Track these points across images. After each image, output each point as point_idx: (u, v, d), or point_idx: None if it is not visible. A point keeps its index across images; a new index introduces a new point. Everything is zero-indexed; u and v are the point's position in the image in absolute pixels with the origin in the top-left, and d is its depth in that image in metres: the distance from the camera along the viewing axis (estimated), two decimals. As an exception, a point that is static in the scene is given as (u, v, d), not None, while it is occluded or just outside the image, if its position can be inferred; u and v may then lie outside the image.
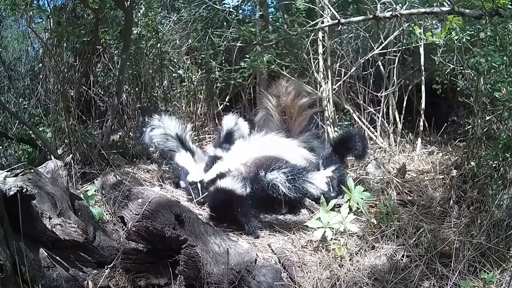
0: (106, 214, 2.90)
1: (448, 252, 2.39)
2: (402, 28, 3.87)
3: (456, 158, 3.60)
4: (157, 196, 2.63)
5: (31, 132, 3.85)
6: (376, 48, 4.14)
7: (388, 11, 2.87)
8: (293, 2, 4.45)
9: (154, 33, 4.34)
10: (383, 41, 4.13)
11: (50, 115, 3.94)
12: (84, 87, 4.45)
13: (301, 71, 4.59)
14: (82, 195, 2.80)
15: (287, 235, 2.78)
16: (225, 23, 4.83)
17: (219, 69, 4.90)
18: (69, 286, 2.16)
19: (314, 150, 3.53)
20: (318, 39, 4.26)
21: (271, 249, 2.60)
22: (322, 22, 4.00)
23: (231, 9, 4.34)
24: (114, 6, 3.79)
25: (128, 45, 3.77)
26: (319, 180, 2.76)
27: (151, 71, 4.54)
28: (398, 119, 4.42)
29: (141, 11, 4.21)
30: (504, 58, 2.61)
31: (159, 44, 4.46)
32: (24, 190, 2.04)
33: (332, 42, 4.37)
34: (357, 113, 4.53)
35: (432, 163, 3.88)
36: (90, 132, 4.00)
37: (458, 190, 3.02)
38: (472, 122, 3.24)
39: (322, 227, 2.58)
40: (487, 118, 3.01)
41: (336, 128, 4.24)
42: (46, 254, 2.15)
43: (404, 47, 4.15)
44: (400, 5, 2.93)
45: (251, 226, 2.77)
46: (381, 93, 4.40)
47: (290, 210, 3.16)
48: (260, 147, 3.22)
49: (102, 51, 4.49)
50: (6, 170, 2.30)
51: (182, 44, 4.99)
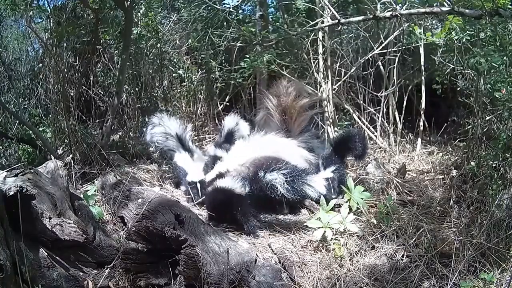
0: (106, 214, 2.89)
1: (448, 252, 2.39)
2: (402, 28, 3.87)
3: (456, 158, 3.60)
4: (157, 196, 2.63)
5: (31, 132, 3.85)
6: (376, 48, 4.14)
7: (388, 11, 2.87)
8: (293, 2, 4.44)
9: (154, 33, 4.35)
10: (383, 41, 4.13)
11: (50, 115, 3.94)
12: (84, 87, 4.45)
13: (301, 71, 4.59)
14: (82, 195, 2.81)
15: (287, 235, 2.78)
16: (225, 23, 4.83)
17: (219, 69, 4.90)
18: (69, 286, 2.16)
19: (313, 150, 3.54)
20: (318, 39, 4.26)
21: (271, 249, 2.60)
22: (322, 22, 4.00)
23: (231, 9, 4.33)
24: (114, 6, 3.79)
25: (128, 45, 3.77)
26: (318, 183, 2.76)
27: (151, 71, 4.55)
28: (398, 119, 4.42)
29: (141, 11, 4.21)
30: (504, 58, 2.61)
31: (159, 44, 4.46)
32: (24, 190, 2.04)
33: (332, 42, 4.37)
34: (357, 113, 4.52)
35: (432, 163, 3.88)
36: (90, 132, 3.99)
37: (458, 190, 3.02)
38: (472, 122, 3.24)
39: (322, 227, 2.58)
40: (487, 118, 3.01)
41: (336, 128, 4.24)
42: (46, 254, 2.15)
43: (404, 47, 4.15)
44: (400, 5, 2.93)
45: (250, 225, 2.76)
46: (381, 93, 4.40)
47: (290, 210, 3.16)
48: (260, 148, 3.22)
49: (102, 51, 4.49)
50: (6, 170, 2.30)
51: (182, 44, 4.99)
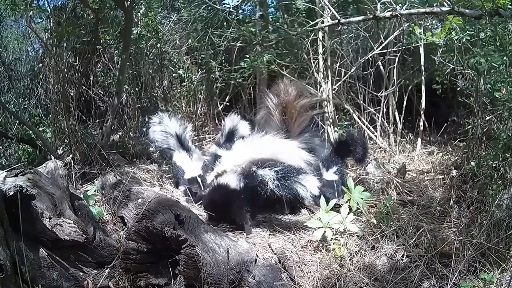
0: (106, 214, 2.90)
1: (448, 252, 2.39)
2: (402, 28, 3.87)
3: (456, 158, 3.60)
4: (157, 196, 2.63)
5: (31, 132, 3.85)
6: (376, 48, 4.14)
7: (388, 11, 2.87)
8: (293, 2, 4.44)
9: (154, 33, 4.35)
10: (383, 41, 4.13)
11: (50, 115, 3.95)
12: (84, 87, 4.45)
13: (301, 71, 4.59)
14: (82, 195, 2.81)
15: (287, 235, 2.78)
16: (225, 23, 4.83)
17: (219, 69, 4.91)
18: (69, 286, 2.16)
19: (314, 151, 3.52)
20: (318, 39, 4.26)
21: (271, 249, 2.60)
22: (322, 22, 4.00)
23: (231, 9, 4.34)
24: (114, 6, 3.79)
25: (128, 45, 3.77)
26: (311, 183, 2.74)
27: (151, 71, 4.55)
28: (398, 119, 4.42)
29: (141, 11, 4.22)
30: (504, 58, 2.61)
31: (159, 44, 4.46)
32: (24, 190, 2.04)
33: (332, 42, 4.37)
34: (357, 113, 4.52)
35: (432, 163, 3.88)
36: (90, 132, 4.00)
37: (458, 190, 3.02)
38: (472, 122, 3.24)
39: (322, 227, 2.58)
40: (487, 118, 3.01)
41: (336, 128, 4.24)
42: (46, 254, 2.15)
43: (404, 47, 4.15)
44: (400, 5, 2.93)
45: (241, 219, 2.78)
46: (381, 93, 4.40)
47: (291, 210, 3.16)
48: (259, 149, 3.21)
49: (102, 51, 4.49)
50: (6, 170, 2.30)
51: (182, 44, 4.99)
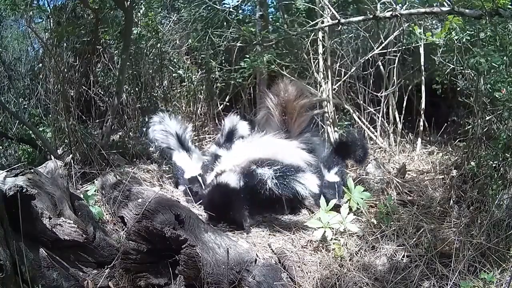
0: (106, 214, 2.89)
1: (448, 252, 2.39)
2: (402, 28, 3.87)
3: (456, 158, 3.60)
4: (157, 196, 2.63)
5: (31, 132, 3.85)
6: (376, 48, 4.14)
7: (388, 11, 2.87)
8: (293, 2, 4.44)
9: (154, 33, 4.35)
10: (383, 41, 4.12)
11: (50, 115, 3.95)
12: (84, 87, 4.45)
13: (301, 71, 4.58)
14: (82, 195, 2.81)
15: (287, 235, 2.78)
16: (225, 23, 4.83)
17: (219, 69, 4.90)
18: (69, 286, 2.16)
19: (314, 151, 3.52)
20: (318, 39, 4.26)
21: (271, 249, 2.60)
22: (322, 22, 4.00)
23: (231, 9, 4.33)
24: (114, 6, 3.79)
25: (128, 45, 3.77)
26: (310, 181, 2.73)
27: (151, 71, 4.55)
28: (398, 119, 4.41)
29: (141, 11, 4.21)
30: (504, 58, 2.61)
31: (159, 44, 4.46)
32: (24, 190, 2.04)
33: (332, 42, 4.36)
34: (357, 113, 4.52)
35: (432, 163, 3.88)
36: (90, 132, 4.00)
37: (458, 190, 3.02)
38: (472, 122, 3.24)
39: (322, 227, 2.58)
40: (487, 118, 3.01)
41: (336, 128, 4.24)
42: (46, 254, 2.15)
43: (404, 47, 4.15)
44: (400, 5, 2.93)
45: (241, 218, 2.78)
46: (381, 93, 4.40)
47: (291, 210, 3.15)
48: (259, 149, 3.21)
49: (102, 51, 4.49)
50: (6, 170, 2.30)
51: (182, 44, 4.99)
